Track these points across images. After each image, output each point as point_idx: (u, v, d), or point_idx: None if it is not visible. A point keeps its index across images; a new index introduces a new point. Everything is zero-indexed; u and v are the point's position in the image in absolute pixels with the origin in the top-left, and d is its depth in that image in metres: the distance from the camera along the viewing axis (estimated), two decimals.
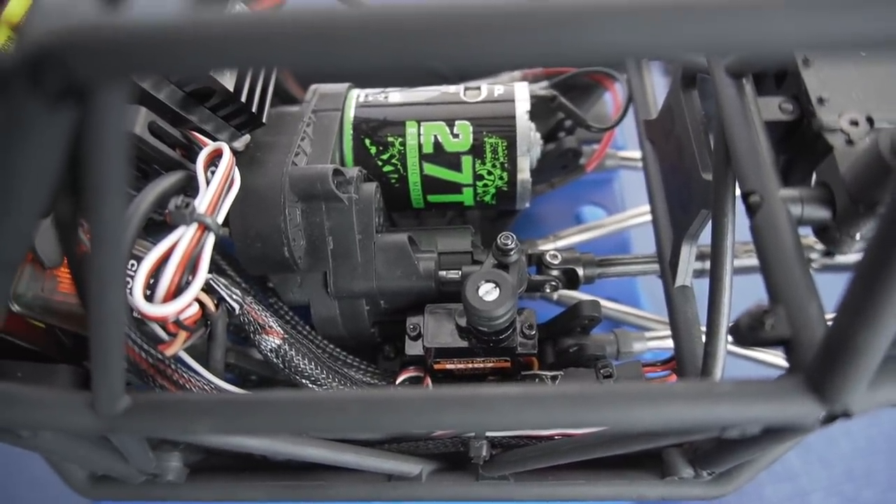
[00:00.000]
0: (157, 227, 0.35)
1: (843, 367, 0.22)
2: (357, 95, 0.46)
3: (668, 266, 0.41)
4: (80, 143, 0.18)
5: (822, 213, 0.28)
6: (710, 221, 0.34)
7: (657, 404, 0.24)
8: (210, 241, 0.31)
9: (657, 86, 0.50)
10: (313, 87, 0.47)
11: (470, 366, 0.41)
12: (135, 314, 0.31)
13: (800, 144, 0.30)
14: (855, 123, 0.28)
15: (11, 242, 0.19)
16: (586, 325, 0.44)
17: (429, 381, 0.42)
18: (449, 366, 0.41)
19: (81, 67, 0.15)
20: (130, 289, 0.28)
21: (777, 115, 0.30)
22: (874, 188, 0.26)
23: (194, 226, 0.31)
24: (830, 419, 0.24)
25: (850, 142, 0.28)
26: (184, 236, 0.30)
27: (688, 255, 0.38)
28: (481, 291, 0.37)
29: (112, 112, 0.16)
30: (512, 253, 0.39)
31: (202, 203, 0.32)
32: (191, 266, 0.30)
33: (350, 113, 0.45)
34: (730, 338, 0.32)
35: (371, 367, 0.44)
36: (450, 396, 0.25)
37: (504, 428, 0.34)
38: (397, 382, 0.42)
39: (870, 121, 0.28)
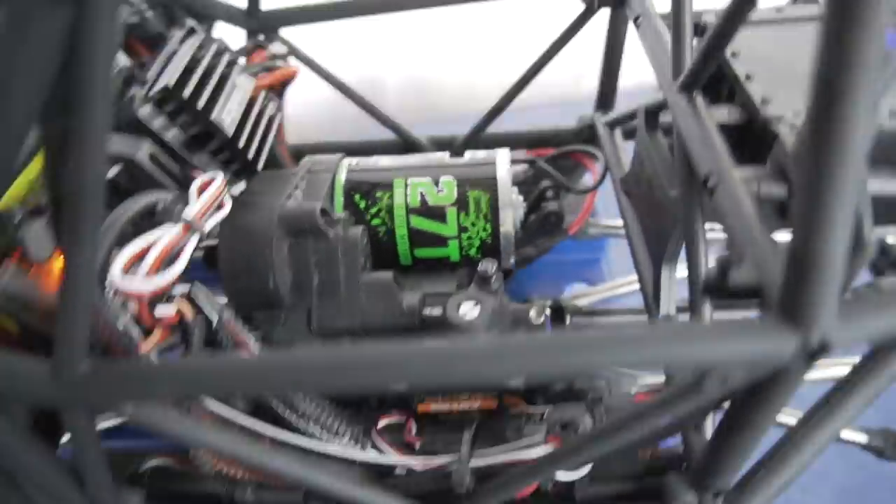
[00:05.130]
0: None
1: (807, 282, 0.22)
2: (349, 162, 0.50)
3: (651, 302, 0.41)
4: (73, 51, 0.20)
5: (779, 190, 0.29)
6: (684, 237, 0.35)
7: (635, 344, 0.23)
8: (193, 240, 0.32)
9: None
10: (307, 157, 0.51)
11: (456, 406, 0.40)
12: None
13: (753, 142, 0.32)
14: (797, 114, 0.30)
15: (7, 143, 0.20)
16: None
17: (412, 425, 0.40)
18: (433, 406, 0.40)
19: None
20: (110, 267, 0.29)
21: (726, 118, 0.33)
22: None
23: (180, 224, 0.32)
24: (811, 354, 0.23)
25: (794, 126, 0.30)
26: (169, 231, 0.31)
27: (668, 280, 0.39)
28: (462, 310, 0.37)
29: (106, 9, 0.19)
30: (493, 280, 0.39)
31: (191, 210, 0.34)
32: (171, 259, 0.31)
33: (342, 175, 0.48)
34: None
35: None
36: (403, 351, 0.24)
37: (472, 380, 0.30)
38: (378, 427, 0.40)
39: None
